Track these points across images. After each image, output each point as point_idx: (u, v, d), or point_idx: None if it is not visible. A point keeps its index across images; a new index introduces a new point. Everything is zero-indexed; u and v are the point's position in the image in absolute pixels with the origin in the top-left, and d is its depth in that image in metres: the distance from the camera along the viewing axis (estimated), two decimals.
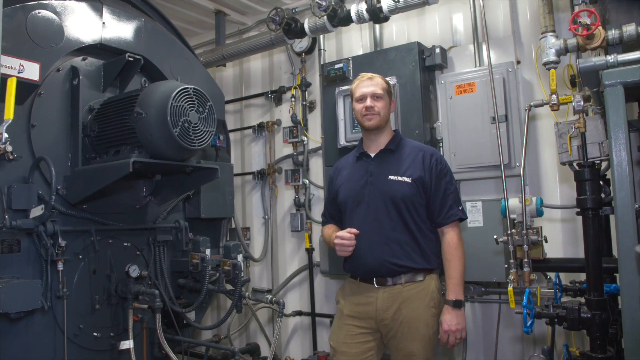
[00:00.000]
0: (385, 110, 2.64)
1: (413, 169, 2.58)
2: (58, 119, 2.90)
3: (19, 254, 2.64)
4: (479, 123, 3.55)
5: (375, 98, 2.62)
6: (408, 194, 2.54)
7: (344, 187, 2.73)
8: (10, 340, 2.59)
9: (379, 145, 2.70)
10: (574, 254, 3.39)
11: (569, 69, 3.27)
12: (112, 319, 3.07)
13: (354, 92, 2.70)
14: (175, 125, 2.60)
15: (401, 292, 2.53)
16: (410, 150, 2.67)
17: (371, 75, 2.69)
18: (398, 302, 2.52)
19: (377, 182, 2.61)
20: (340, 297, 2.77)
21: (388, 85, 2.71)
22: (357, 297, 2.63)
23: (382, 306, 2.53)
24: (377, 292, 2.56)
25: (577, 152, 2.53)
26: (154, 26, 3.44)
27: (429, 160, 2.60)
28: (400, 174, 2.58)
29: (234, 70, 5.55)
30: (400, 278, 2.54)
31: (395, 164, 2.62)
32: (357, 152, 2.78)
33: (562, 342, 3.07)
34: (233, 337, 4.78)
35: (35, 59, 2.64)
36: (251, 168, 5.23)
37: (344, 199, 2.70)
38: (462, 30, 4.05)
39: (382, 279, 2.56)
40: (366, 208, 2.59)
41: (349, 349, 2.59)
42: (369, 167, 2.67)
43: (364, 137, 2.77)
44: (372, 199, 2.59)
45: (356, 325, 2.60)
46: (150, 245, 3.31)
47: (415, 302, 2.51)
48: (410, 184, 2.55)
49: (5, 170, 2.60)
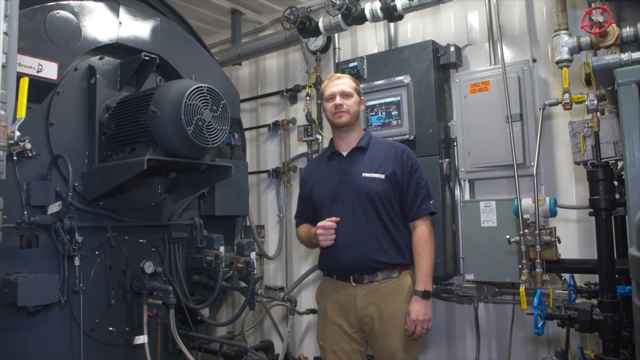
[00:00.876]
0: (354, 107, 2.71)
1: (386, 166, 2.65)
2: (75, 117, 2.95)
3: (37, 249, 2.70)
4: (494, 122, 3.53)
5: (344, 96, 2.68)
6: (382, 190, 2.60)
7: (318, 187, 2.78)
8: (28, 333, 2.65)
9: (350, 143, 2.75)
10: (590, 255, 3.34)
11: (586, 67, 3.23)
12: (127, 314, 3.12)
13: (324, 92, 2.76)
14: (189, 124, 2.62)
15: (378, 289, 2.59)
16: (381, 148, 2.74)
17: (339, 75, 2.78)
18: (376, 298, 2.58)
19: (351, 179, 2.66)
20: (320, 296, 2.83)
21: (357, 84, 2.78)
22: (336, 295, 2.69)
23: (361, 304, 2.59)
24: (355, 289, 2.62)
25: (591, 152, 2.50)
26: (170, 25, 3.48)
27: (401, 157, 2.67)
28: (373, 171, 2.64)
29: (249, 68, 5.58)
30: (377, 275, 2.60)
31: (368, 162, 2.68)
32: (329, 152, 2.83)
33: (577, 344, 3.03)
34: (247, 334, 4.82)
35: (53, 59, 2.70)
36: (266, 166, 5.26)
37: (319, 198, 2.74)
38: (477, 28, 4.02)
39: (359, 276, 2.62)
40: (342, 205, 2.64)
41: (338, 347, 2.66)
42: (342, 166, 2.72)
43: (335, 135, 2.82)
44: (347, 196, 2.64)
45: (340, 323, 2.66)
46: (165, 242, 3.35)
47: (392, 298, 2.58)
48: (384, 180, 2.62)
49: (24, 167, 2.65)
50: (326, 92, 2.74)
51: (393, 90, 3.85)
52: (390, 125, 3.85)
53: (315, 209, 2.78)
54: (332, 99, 2.69)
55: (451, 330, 4.02)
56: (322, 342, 2.75)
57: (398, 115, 3.81)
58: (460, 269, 3.77)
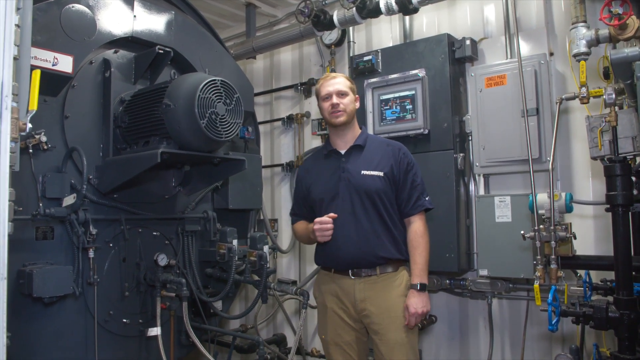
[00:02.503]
0: (351, 106, 2.74)
1: (384, 164, 2.70)
2: (90, 110, 2.98)
3: (52, 240, 2.73)
4: (510, 116, 3.48)
5: (340, 95, 2.71)
6: (381, 187, 2.65)
7: (316, 185, 2.81)
8: (43, 323, 2.69)
9: (347, 141, 2.79)
10: (607, 252, 3.28)
11: (604, 60, 3.16)
12: (141, 306, 3.15)
13: (320, 92, 2.79)
14: (202, 117, 2.63)
15: (376, 282, 2.64)
16: (378, 145, 2.79)
17: (335, 75, 2.81)
18: (374, 292, 2.63)
19: (350, 177, 2.69)
20: (317, 291, 2.86)
21: (352, 83, 2.81)
22: (335, 288, 2.73)
23: (359, 296, 2.64)
24: (354, 283, 2.66)
25: (608, 147, 2.45)
26: (184, 19, 3.49)
27: (397, 154, 2.73)
28: (372, 169, 2.69)
29: (264, 62, 5.58)
30: (375, 269, 2.64)
31: (366, 159, 2.73)
32: (325, 150, 2.87)
33: (592, 341, 3.00)
34: (260, 327, 4.84)
35: (68, 52, 2.72)
36: (280, 160, 5.26)
37: (319, 196, 2.77)
38: (493, 21, 3.96)
39: (358, 270, 2.65)
40: (341, 202, 2.68)
41: (340, 339, 2.72)
42: (340, 164, 2.75)
43: (332, 134, 2.86)
44: (346, 193, 2.68)
45: (341, 316, 2.71)
46: (178, 235, 3.38)
47: (390, 291, 2.63)
48: (382, 177, 2.67)
49: (40, 160, 2.69)
50: (322, 92, 2.77)
51: (408, 84, 3.82)
52: (405, 119, 3.82)
53: (314, 207, 2.81)
54: (329, 99, 2.73)
55: (464, 326, 3.99)
56: (324, 336, 2.80)
57: (412, 109, 3.78)
58: (474, 264, 3.74)
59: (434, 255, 3.48)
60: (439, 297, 4.03)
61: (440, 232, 3.54)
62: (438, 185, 3.61)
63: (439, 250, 3.55)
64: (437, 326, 4.06)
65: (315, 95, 2.87)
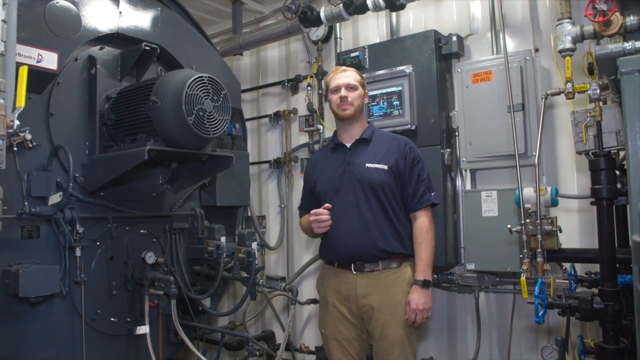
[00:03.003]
0: (359, 100, 2.75)
1: (388, 157, 2.70)
2: (76, 107, 2.94)
3: (38, 240, 2.70)
4: (496, 112, 3.51)
5: (349, 89, 2.72)
6: (385, 180, 2.64)
7: (321, 178, 2.82)
8: (30, 324, 2.66)
9: (353, 135, 2.80)
10: (591, 245, 3.34)
11: (588, 56, 3.20)
12: (129, 305, 3.13)
13: (329, 84, 2.80)
14: (190, 114, 2.61)
15: (379, 278, 2.63)
16: (384, 140, 2.79)
17: (345, 68, 2.83)
18: (376, 288, 2.62)
19: (354, 170, 2.70)
20: (320, 285, 2.87)
21: (361, 78, 2.82)
22: (337, 283, 2.73)
23: (361, 292, 2.63)
24: (356, 278, 2.65)
25: (593, 141, 2.49)
26: (170, 15, 3.46)
27: (403, 149, 2.72)
28: (377, 162, 2.69)
29: (250, 59, 5.56)
30: (378, 264, 2.63)
31: (371, 153, 2.73)
32: (332, 144, 2.87)
33: (577, 333, 3.04)
34: (249, 324, 4.84)
35: (53, 49, 2.68)
36: (267, 157, 5.25)
37: (323, 189, 2.77)
38: (479, 18, 3.99)
39: (360, 265, 2.65)
40: (345, 195, 2.67)
41: (340, 334, 2.71)
42: (345, 157, 2.76)
43: (339, 128, 2.87)
44: (350, 186, 2.68)
45: (342, 310, 2.70)
46: (166, 233, 3.36)
47: (392, 288, 2.62)
48: (386, 171, 2.66)
49: (25, 158, 2.65)
50: (332, 84, 2.77)
51: (395, 80, 3.83)
52: (392, 115, 3.83)
53: (319, 200, 2.80)
54: (337, 91, 2.73)
55: (452, 320, 4.02)
56: (324, 330, 2.79)
57: (400, 105, 3.80)
58: (461, 258, 3.77)
59: None
60: None
61: None
62: None
63: None
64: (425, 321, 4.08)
65: (325, 87, 2.88)
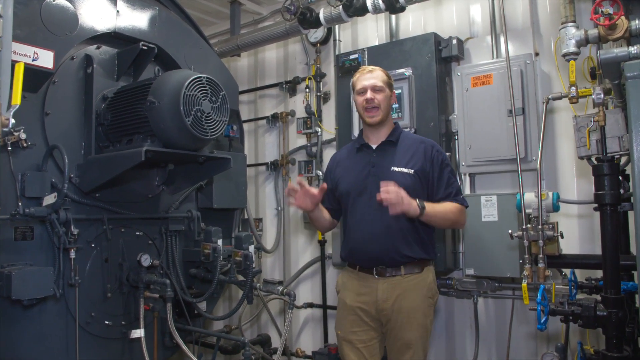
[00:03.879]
0: (385, 102, 2.67)
1: (415, 161, 2.63)
2: (72, 107, 2.91)
3: (32, 241, 2.66)
4: (496, 116, 3.49)
5: (376, 91, 2.64)
6: (410, 185, 2.56)
7: (345, 178, 2.76)
8: (23, 327, 2.61)
9: (379, 137, 2.74)
10: (590, 251, 3.33)
11: (589, 61, 3.19)
12: (124, 308, 3.09)
13: (355, 85, 2.74)
14: (188, 115, 2.58)
15: (400, 283, 2.59)
16: (411, 143, 2.72)
17: (372, 68, 2.73)
18: (397, 292, 2.58)
19: (379, 172, 2.63)
20: (341, 286, 2.83)
21: (389, 78, 2.74)
22: (358, 287, 2.69)
23: (382, 296, 2.59)
24: (377, 282, 2.62)
25: (596, 146, 2.47)
26: (168, 15, 3.43)
27: (430, 152, 2.65)
28: (402, 166, 2.62)
29: (248, 60, 5.53)
30: (400, 269, 2.60)
31: (397, 156, 2.67)
32: (358, 144, 2.81)
33: (577, 339, 3.02)
34: (244, 327, 4.79)
35: (49, 47, 2.65)
36: (265, 159, 5.21)
37: (346, 189, 2.73)
38: (479, 21, 3.97)
39: (382, 269, 2.61)
40: (369, 198, 2.61)
41: (355, 337, 2.67)
42: (370, 159, 2.71)
43: (365, 129, 2.81)
44: (374, 189, 2.57)
45: (359, 315, 2.67)
46: (162, 235, 3.32)
47: (413, 292, 2.58)
48: (412, 175, 2.60)
49: (19, 158, 2.61)
50: (357, 86, 2.71)
51: (394, 83, 3.77)
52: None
53: (341, 200, 2.77)
54: (364, 93, 2.66)
55: (450, 325, 3.99)
56: (339, 332, 2.76)
57: (399, 108, 3.77)
58: (459, 263, 3.74)
59: None
60: None
61: None
62: None
63: None
64: None
65: (351, 87, 2.82)
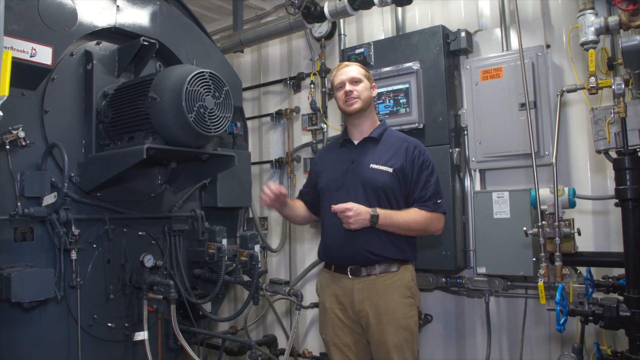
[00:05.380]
0: (365, 92, 2.63)
1: (395, 160, 2.57)
2: (71, 104, 2.84)
3: (32, 242, 2.59)
4: (506, 110, 3.41)
5: (354, 82, 2.61)
6: (388, 183, 2.52)
7: (325, 173, 2.73)
8: (23, 329, 2.55)
9: (362, 132, 2.69)
10: (606, 248, 3.24)
11: (603, 52, 3.09)
12: (127, 309, 3.02)
13: (334, 81, 2.70)
14: (190, 111, 2.50)
15: (375, 283, 2.52)
16: (394, 141, 2.66)
17: (347, 63, 2.73)
18: (373, 293, 2.51)
19: (358, 169, 2.59)
20: (320, 290, 2.79)
21: (366, 71, 2.71)
22: (334, 288, 2.64)
23: (358, 297, 2.54)
24: (352, 283, 2.56)
25: (615, 139, 2.37)
26: (169, 10, 3.35)
27: (412, 152, 2.59)
28: (382, 164, 2.57)
29: (252, 56, 5.45)
30: (375, 268, 2.53)
31: (378, 153, 2.61)
32: (341, 139, 2.78)
33: (592, 340, 2.93)
34: (250, 328, 4.72)
35: (47, 43, 2.59)
36: (269, 156, 5.14)
37: (325, 184, 2.69)
38: (488, 13, 3.88)
39: (357, 269, 2.55)
40: (346, 194, 2.56)
41: (339, 340, 2.63)
42: (351, 155, 2.67)
43: (349, 124, 2.76)
44: (352, 185, 2.58)
45: (340, 316, 2.62)
46: (165, 235, 3.25)
47: (389, 293, 2.51)
48: (391, 174, 2.55)
49: (18, 157, 2.55)
50: (335, 82, 2.68)
51: (401, 77, 3.72)
52: (399, 113, 3.72)
53: (320, 195, 2.72)
54: (342, 87, 2.63)
55: (460, 325, 3.91)
56: (324, 336, 2.72)
57: (406, 103, 3.69)
58: (470, 261, 3.66)
59: (429, 253, 3.43)
60: (434, 295, 3.95)
61: None
62: None
63: (435, 247, 3.48)
64: (433, 325, 3.98)
65: (330, 86, 2.77)
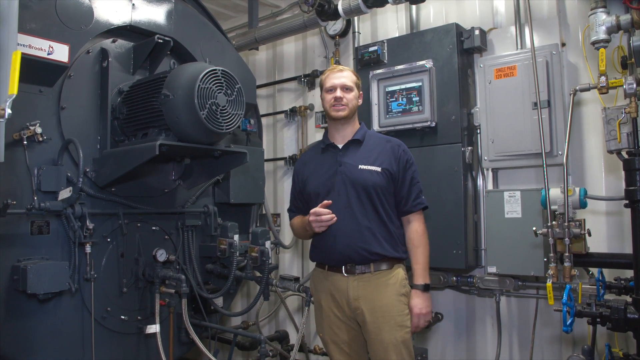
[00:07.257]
0: (354, 102, 2.70)
1: (382, 159, 2.64)
2: (87, 101, 2.89)
3: (48, 235, 2.65)
4: (520, 109, 3.38)
5: (345, 90, 2.66)
6: (378, 182, 2.59)
7: (312, 178, 2.75)
8: (39, 320, 2.61)
9: (345, 136, 2.73)
10: (619, 249, 3.19)
11: (619, 50, 3.05)
12: (140, 303, 3.07)
13: (325, 83, 2.74)
14: (202, 108, 2.54)
15: (370, 280, 2.57)
16: (377, 141, 2.74)
17: (342, 68, 2.76)
18: (367, 290, 2.55)
19: (347, 171, 2.63)
20: (313, 289, 2.82)
21: (358, 79, 2.77)
22: (329, 286, 2.67)
23: (353, 295, 2.57)
24: (347, 280, 2.59)
25: (627, 140, 2.35)
26: (184, 8, 3.39)
27: (397, 151, 2.68)
28: (369, 164, 2.63)
29: (267, 54, 5.47)
30: (369, 266, 2.57)
31: (364, 154, 2.67)
32: (323, 144, 2.80)
33: (604, 342, 2.90)
34: (262, 324, 4.76)
35: (64, 41, 2.64)
36: (283, 153, 5.16)
37: (314, 189, 2.71)
38: (503, 11, 3.84)
39: (351, 267, 2.58)
40: (337, 196, 2.60)
41: (337, 338, 2.66)
42: (337, 157, 2.69)
43: (330, 128, 2.80)
44: (342, 187, 2.62)
45: (336, 314, 2.65)
46: (178, 230, 3.30)
47: (384, 290, 2.56)
48: (380, 172, 2.61)
49: (35, 152, 2.60)
50: (327, 84, 2.72)
51: (414, 76, 3.71)
52: (411, 111, 3.72)
53: (309, 201, 2.73)
54: (332, 91, 2.67)
55: (471, 324, 3.90)
56: (322, 334, 2.76)
57: (419, 101, 3.68)
58: (481, 261, 3.64)
59: (440, 251, 3.42)
60: (445, 294, 3.94)
61: (447, 227, 3.46)
62: (445, 180, 3.52)
63: (446, 246, 3.47)
64: (443, 324, 3.97)
65: (320, 85, 2.81)
